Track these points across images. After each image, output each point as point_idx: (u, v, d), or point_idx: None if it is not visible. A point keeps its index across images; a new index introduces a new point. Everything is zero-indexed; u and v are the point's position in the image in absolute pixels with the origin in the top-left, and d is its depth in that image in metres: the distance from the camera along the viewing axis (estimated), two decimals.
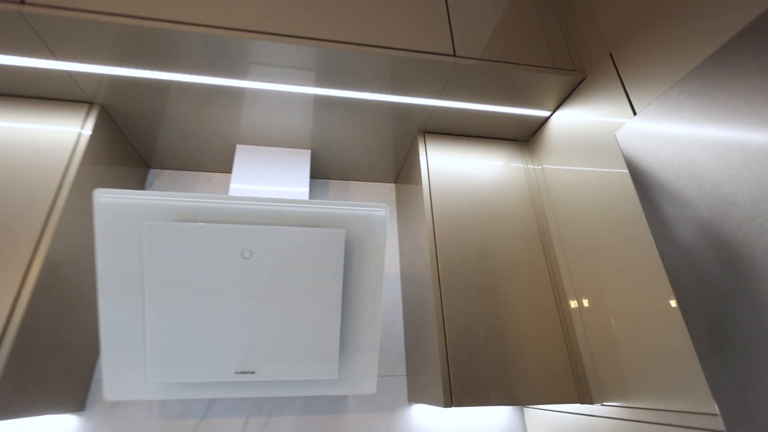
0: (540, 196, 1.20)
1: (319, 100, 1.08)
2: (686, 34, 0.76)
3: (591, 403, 0.95)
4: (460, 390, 0.90)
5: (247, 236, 0.82)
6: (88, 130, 1.01)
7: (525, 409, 1.26)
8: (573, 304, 1.04)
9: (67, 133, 0.98)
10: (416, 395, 1.11)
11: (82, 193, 0.97)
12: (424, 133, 1.24)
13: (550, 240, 1.14)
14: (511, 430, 1.22)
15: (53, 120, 0.99)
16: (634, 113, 0.86)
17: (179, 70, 0.96)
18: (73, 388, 0.98)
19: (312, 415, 1.12)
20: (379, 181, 1.52)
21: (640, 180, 0.73)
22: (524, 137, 1.30)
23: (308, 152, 1.29)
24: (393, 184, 1.54)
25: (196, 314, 0.83)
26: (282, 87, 1.03)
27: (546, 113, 1.19)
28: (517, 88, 1.09)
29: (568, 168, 1.08)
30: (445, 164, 1.19)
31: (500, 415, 1.23)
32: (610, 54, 0.97)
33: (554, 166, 1.15)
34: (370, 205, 0.89)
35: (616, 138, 0.88)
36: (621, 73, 0.92)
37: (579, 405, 1.00)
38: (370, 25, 1.00)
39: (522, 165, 1.25)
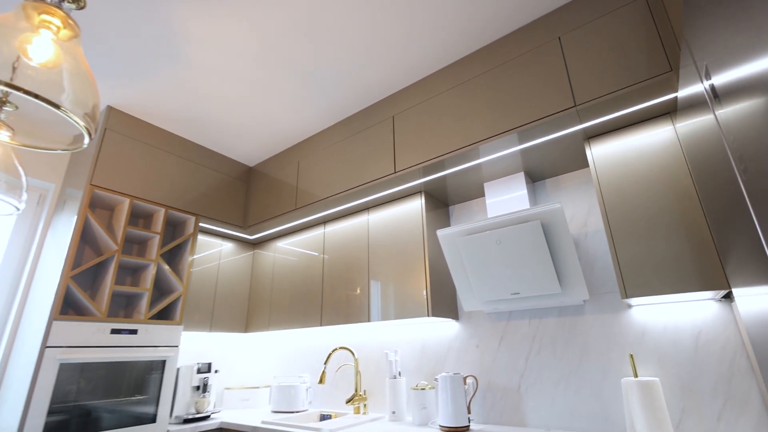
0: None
1: (523, 149, 2.03)
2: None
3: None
4: (631, 286, 1.62)
5: (497, 235, 1.88)
6: (423, 200, 2.37)
7: (733, 303, 1.68)
8: None
9: (419, 204, 2.38)
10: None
11: (430, 228, 2.33)
12: (588, 138, 1.93)
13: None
14: (721, 320, 1.69)
15: (414, 201, 2.41)
16: (704, 80, 1.35)
17: (450, 168, 2.17)
18: (453, 309, 2.34)
19: (564, 317, 2.04)
20: (579, 169, 2.23)
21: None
22: (671, 109, 1.74)
23: (522, 173, 2.22)
24: (588, 168, 2.21)
25: (488, 271, 1.96)
26: (500, 153, 2.06)
27: (674, 94, 1.64)
28: (638, 92, 1.65)
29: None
30: (608, 149, 1.84)
31: (710, 309, 1.72)
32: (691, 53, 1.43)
33: (700, 118, 1.57)
34: (550, 204, 1.75)
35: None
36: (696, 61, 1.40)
37: None
38: (525, 108, 1.87)
39: (670, 127, 1.71)
